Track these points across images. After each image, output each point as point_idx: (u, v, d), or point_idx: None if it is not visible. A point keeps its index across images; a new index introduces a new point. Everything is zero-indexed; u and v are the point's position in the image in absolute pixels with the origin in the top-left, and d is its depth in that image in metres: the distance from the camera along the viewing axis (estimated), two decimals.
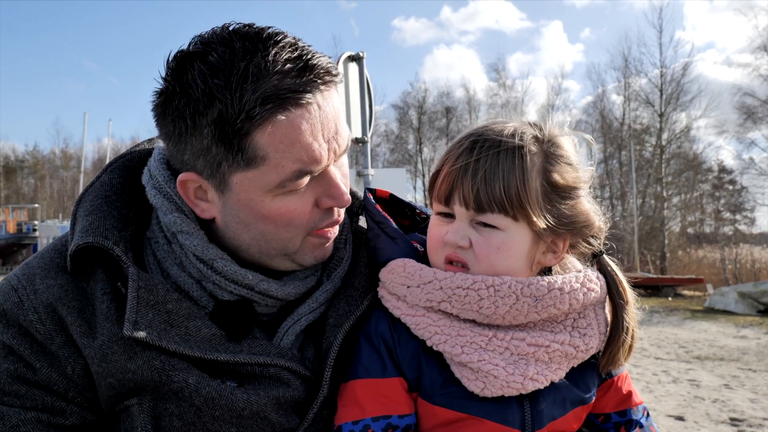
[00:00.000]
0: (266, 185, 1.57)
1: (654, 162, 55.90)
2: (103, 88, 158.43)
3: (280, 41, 1.53)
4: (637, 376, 13.09)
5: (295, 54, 1.53)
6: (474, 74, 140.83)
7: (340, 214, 1.76)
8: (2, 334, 1.65)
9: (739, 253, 42.11)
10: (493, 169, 1.58)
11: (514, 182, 1.57)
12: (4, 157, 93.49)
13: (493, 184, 1.57)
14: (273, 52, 1.50)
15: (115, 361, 1.56)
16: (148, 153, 1.91)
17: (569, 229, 1.68)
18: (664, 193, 54.50)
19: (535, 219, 1.59)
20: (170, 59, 1.58)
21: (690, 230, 61.40)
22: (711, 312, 25.38)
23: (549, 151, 1.65)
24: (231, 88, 1.47)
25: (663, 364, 14.60)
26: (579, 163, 1.72)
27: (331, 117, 1.59)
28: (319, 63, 1.55)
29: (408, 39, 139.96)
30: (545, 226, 1.62)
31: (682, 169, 57.93)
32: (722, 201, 63.69)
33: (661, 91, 55.28)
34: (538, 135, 1.67)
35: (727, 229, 59.51)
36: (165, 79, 1.57)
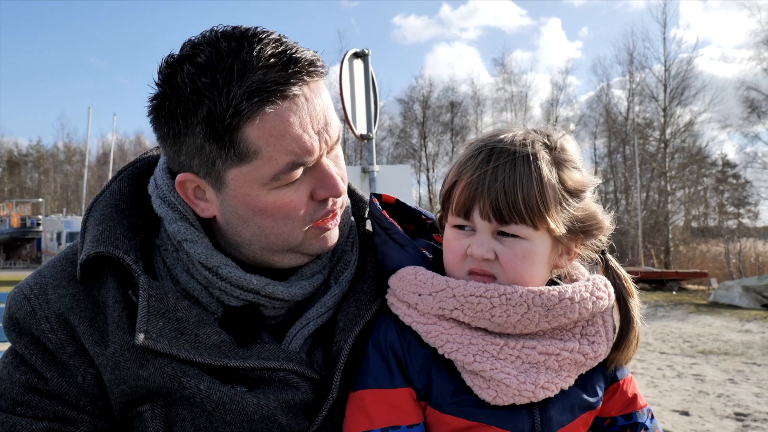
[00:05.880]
0: (261, 179, 1.59)
1: (658, 156, 55.87)
2: (109, 85, 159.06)
3: (264, 38, 1.56)
4: (642, 371, 13.12)
5: (280, 49, 1.55)
6: (476, 71, 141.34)
7: (336, 203, 1.76)
8: (15, 343, 1.67)
9: (743, 247, 42.10)
10: (512, 180, 1.58)
11: (533, 192, 1.58)
12: (8, 151, 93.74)
13: (514, 196, 1.57)
14: (258, 48, 1.52)
15: (128, 369, 1.58)
16: (156, 160, 1.92)
17: (583, 231, 1.70)
18: (668, 188, 54.52)
19: (554, 226, 1.61)
20: (162, 64, 1.60)
21: (694, 224, 61.31)
22: (715, 306, 25.41)
23: (559, 158, 1.66)
24: (218, 86, 1.49)
25: (667, 359, 14.63)
26: (584, 165, 1.73)
27: (320, 109, 1.61)
28: (304, 56, 1.57)
29: (408, 36, 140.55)
30: (563, 231, 1.64)
31: (686, 163, 57.86)
32: (726, 195, 63.62)
33: (665, 85, 55.18)
34: (547, 142, 1.68)
35: (731, 223, 59.30)
36: (157, 84, 1.60)
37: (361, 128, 8.87)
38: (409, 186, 10.49)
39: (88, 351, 1.62)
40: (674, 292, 32.16)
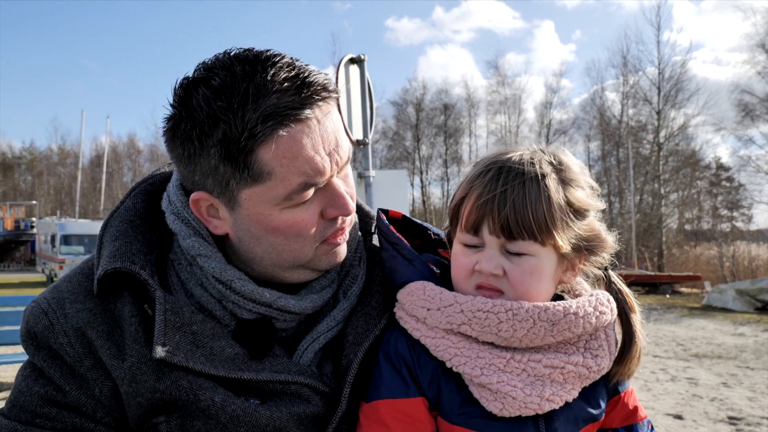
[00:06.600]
0: (274, 199, 1.64)
1: (651, 159, 55.99)
2: (102, 88, 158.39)
3: (277, 62, 1.60)
4: (635, 375, 13.14)
5: (293, 73, 1.59)
6: (469, 74, 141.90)
7: (345, 221, 1.81)
8: (33, 357, 1.70)
9: (736, 251, 42.24)
10: (522, 198, 1.63)
11: (541, 210, 1.63)
12: (2, 153, 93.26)
13: (523, 212, 1.62)
14: (271, 72, 1.57)
15: (145, 382, 1.62)
16: (168, 177, 1.97)
17: (587, 248, 1.75)
18: (662, 190, 54.60)
19: (560, 243, 1.66)
20: (177, 86, 1.64)
21: (687, 227, 61.40)
22: (709, 309, 25.47)
23: (565, 177, 1.72)
24: (233, 109, 1.53)
25: (661, 362, 14.68)
26: (587, 184, 1.78)
27: (331, 131, 1.66)
28: (316, 80, 1.62)
29: (401, 39, 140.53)
30: (569, 248, 1.69)
31: (680, 166, 57.92)
32: (720, 198, 63.67)
33: (659, 88, 55.34)
34: (553, 161, 1.73)
35: (725, 226, 59.43)
36: (172, 106, 1.64)
37: (357, 133, 8.92)
38: (406, 191, 10.53)
39: (105, 364, 1.65)
40: (667, 296, 32.21)
